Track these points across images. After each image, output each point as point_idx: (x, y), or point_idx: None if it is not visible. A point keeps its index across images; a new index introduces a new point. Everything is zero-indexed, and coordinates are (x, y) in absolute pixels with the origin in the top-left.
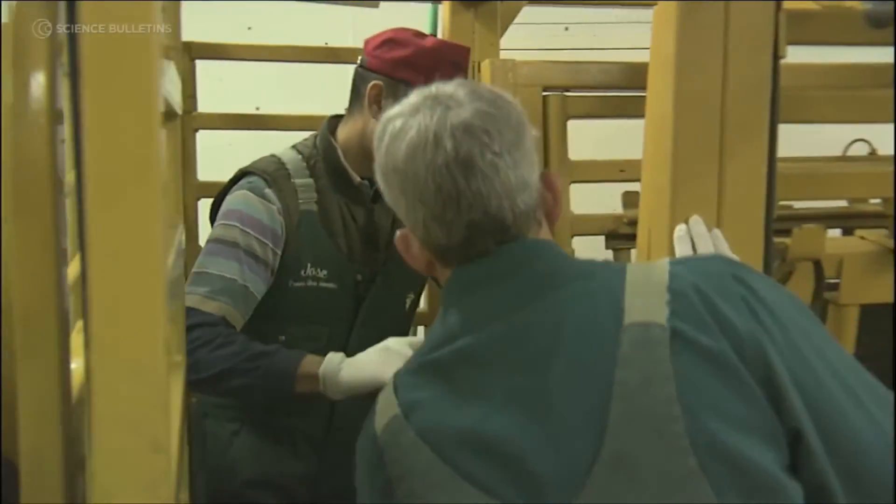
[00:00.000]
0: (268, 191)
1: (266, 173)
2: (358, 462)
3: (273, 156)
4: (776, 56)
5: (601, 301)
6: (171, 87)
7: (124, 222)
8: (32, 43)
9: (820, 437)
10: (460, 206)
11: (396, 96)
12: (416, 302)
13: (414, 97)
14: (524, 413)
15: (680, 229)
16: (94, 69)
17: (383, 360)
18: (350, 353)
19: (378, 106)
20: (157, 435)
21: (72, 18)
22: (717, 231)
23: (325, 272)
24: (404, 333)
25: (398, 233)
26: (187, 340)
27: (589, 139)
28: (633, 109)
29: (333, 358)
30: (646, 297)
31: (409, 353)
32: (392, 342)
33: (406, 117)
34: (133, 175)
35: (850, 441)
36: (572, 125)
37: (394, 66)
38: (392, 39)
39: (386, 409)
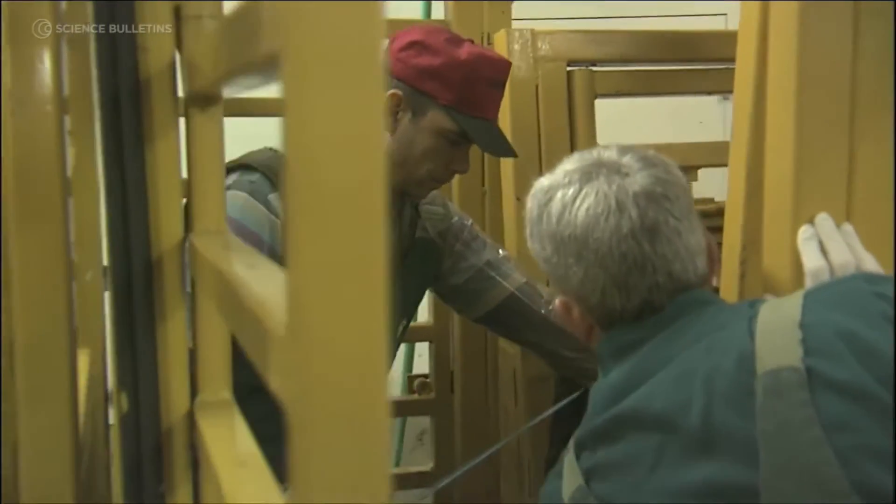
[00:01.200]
0: (272, 196)
1: (271, 171)
2: None
3: (272, 150)
4: None
5: (731, 354)
6: None
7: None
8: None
9: None
10: (645, 270)
11: (416, 111)
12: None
13: (573, 164)
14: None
15: (806, 231)
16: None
17: None
18: None
19: (393, 118)
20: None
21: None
22: (847, 227)
23: None
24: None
25: (557, 300)
26: None
27: (619, 119)
28: (669, 86)
29: None
30: (777, 340)
31: None
32: None
33: (577, 184)
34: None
35: None
36: (600, 104)
37: (418, 76)
38: (420, 43)
39: (571, 477)
